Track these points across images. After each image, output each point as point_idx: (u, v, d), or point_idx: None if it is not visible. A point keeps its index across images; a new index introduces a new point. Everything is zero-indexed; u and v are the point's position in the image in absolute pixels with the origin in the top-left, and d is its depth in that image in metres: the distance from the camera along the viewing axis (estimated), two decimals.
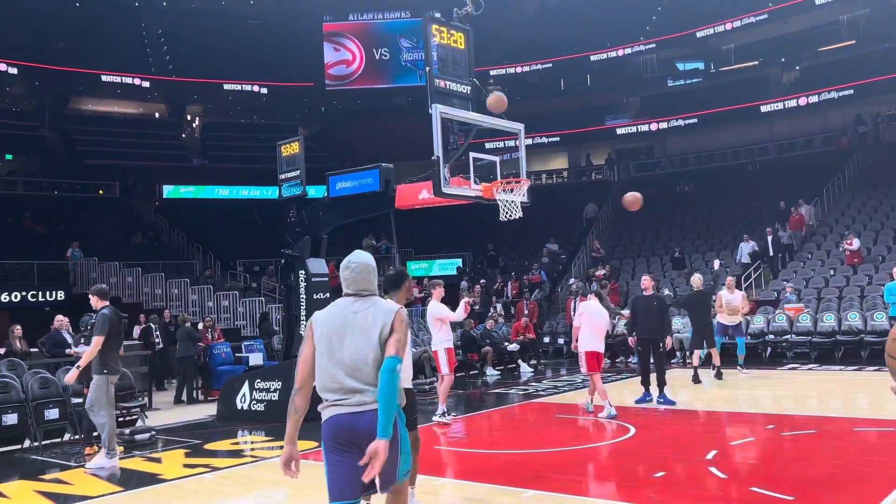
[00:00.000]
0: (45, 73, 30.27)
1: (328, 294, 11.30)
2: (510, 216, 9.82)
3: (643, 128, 30.72)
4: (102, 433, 8.23)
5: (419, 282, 22.08)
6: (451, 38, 9.79)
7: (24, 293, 20.17)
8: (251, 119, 36.74)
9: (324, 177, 11.41)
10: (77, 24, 31.38)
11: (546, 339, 19.68)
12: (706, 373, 13.43)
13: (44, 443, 9.68)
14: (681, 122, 29.69)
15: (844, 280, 18.51)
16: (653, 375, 10.98)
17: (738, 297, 14.21)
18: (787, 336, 16.09)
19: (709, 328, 13.41)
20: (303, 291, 11.39)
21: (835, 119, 27.84)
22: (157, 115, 35.78)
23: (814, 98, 26.95)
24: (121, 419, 10.03)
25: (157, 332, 16.01)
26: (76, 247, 22.86)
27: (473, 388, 14.45)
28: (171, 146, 33.10)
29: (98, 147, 30.32)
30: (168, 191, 29.49)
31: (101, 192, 28.87)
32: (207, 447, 9.25)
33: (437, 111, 9.10)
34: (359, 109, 36.15)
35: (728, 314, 13.95)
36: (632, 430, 8.95)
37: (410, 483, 5.36)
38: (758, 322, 16.65)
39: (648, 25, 32.29)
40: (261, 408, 11.06)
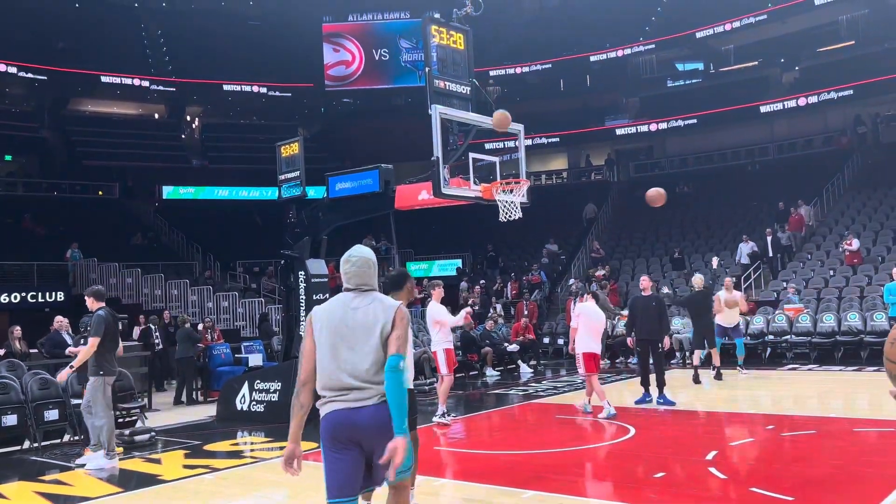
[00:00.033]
0: (45, 74, 30.25)
1: (328, 295, 11.29)
2: (510, 217, 9.82)
3: (643, 128, 30.72)
4: (101, 434, 8.22)
5: (419, 282, 22.08)
6: (451, 39, 9.80)
7: (24, 294, 20.18)
8: (251, 120, 36.76)
9: (323, 177, 11.41)
10: (77, 25, 31.38)
11: (546, 340, 19.68)
12: (706, 373, 13.44)
13: (43, 444, 9.67)
14: (680, 123, 29.70)
15: (844, 280, 18.52)
16: (652, 376, 10.98)
17: (737, 297, 14.24)
18: (787, 336, 16.09)
19: (710, 328, 13.41)
20: (302, 292, 11.39)
21: (834, 119, 27.86)
22: (157, 116, 35.79)
23: (813, 98, 26.97)
24: (120, 420, 10.02)
25: (157, 333, 16.01)
26: (76, 248, 22.87)
27: (473, 389, 14.45)
28: (171, 147, 33.09)
29: (98, 148, 30.31)
30: (168, 192, 29.50)
31: (101, 193, 28.87)
32: (207, 448, 9.24)
33: (437, 112, 9.11)
34: (358, 110, 36.16)
35: (727, 307, 13.95)
36: (631, 431, 8.94)
37: (410, 483, 5.36)
38: (757, 322, 16.66)
39: (648, 26, 32.30)
40: (260, 409, 11.05)
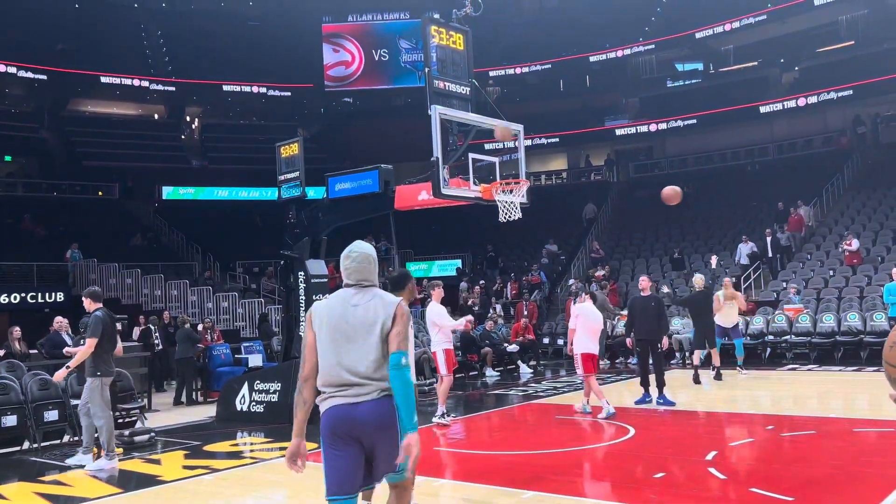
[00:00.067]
0: (45, 75, 30.25)
1: (327, 295, 11.25)
2: (509, 217, 9.82)
3: (642, 129, 30.73)
4: (101, 435, 8.22)
5: (419, 283, 22.08)
6: (451, 39, 9.79)
7: (24, 294, 20.18)
8: (250, 120, 36.77)
9: (323, 178, 11.40)
10: (76, 26, 31.40)
11: (545, 340, 19.67)
12: (706, 373, 13.44)
13: (43, 444, 9.67)
14: (680, 123, 29.70)
15: (844, 280, 18.52)
16: (652, 376, 10.99)
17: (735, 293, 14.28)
18: (787, 337, 16.09)
19: (710, 328, 13.42)
20: (302, 293, 11.38)
21: (834, 119, 27.86)
22: (157, 117, 35.80)
23: (813, 99, 26.97)
24: (120, 421, 10.02)
25: (157, 334, 16.01)
26: (75, 248, 22.87)
27: (473, 390, 14.44)
28: (171, 147, 33.10)
29: (97, 148, 30.32)
30: (167, 192, 29.50)
31: (101, 194, 28.86)
32: (207, 448, 9.24)
33: (437, 112, 9.11)
34: (358, 110, 36.18)
35: (726, 299, 13.95)
36: (631, 431, 8.94)
37: (411, 483, 5.35)
38: (757, 323, 16.65)
39: (647, 26, 32.33)
40: (260, 409, 11.04)
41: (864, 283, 17.97)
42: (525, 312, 19.46)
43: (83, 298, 8.64)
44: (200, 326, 16.11)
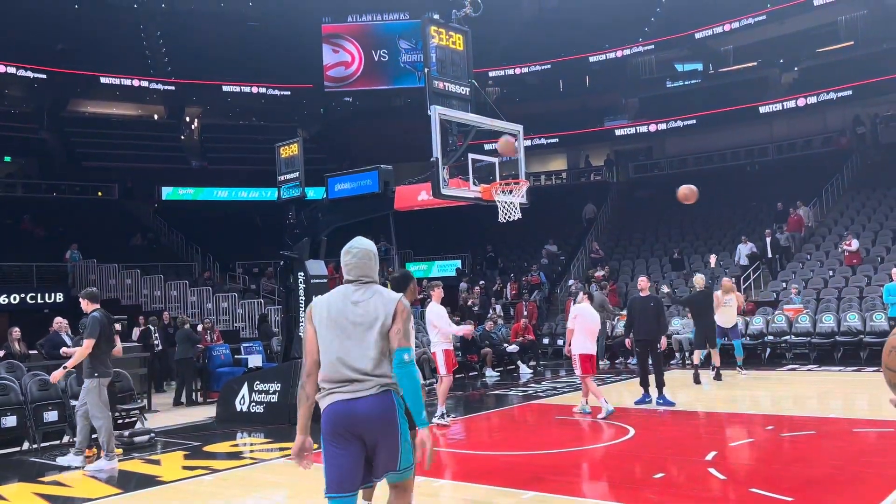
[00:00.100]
0: (44, 75, 30.24)
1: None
2: (509, 217, 9.83)
3: (642, 129, 30.73)
4: (100, 436, 8.22)
5: (418, 283, 22.07)
6: (450, 40, 9.80)
7: (23, 295, 20.16)
8: (250, 121, 36.76)
9: (323, 178, 11.40)
10: (76, 26, 31.38)
11: (545, 341, 19.67)
12: (706, 373, 13.44)
13: (43, 445, 9.67)
14: (679, 123, 29.70)
15: (843, 281, 18.52)
16: (652, 377, 10.99)
17: (732, 298, 14.27)
18: (787, 337, 16.09)
19: (711, 328, 13.43)
20: (302, 293, 11.38)
21: (833, 120, 27.87)
22: (156, 117, 35.80)
23: (812, 99, 26.97)
24: (120, 421, 10.02)
25: (156, 334, 16.01)
26: (75, 249, 22.85)
27: (473, 390, 14.44)
28: (170, 148, 33.08)
29: (97, 149, 30.32)
30: (167, 193, 29.49)
31: (100, 194, 28.86)
32: (206, 449, 9.24)
33: (436, 112, 9.11)
34: (358, 111, 36.18)
35: (724, 293, 13.96)
36: (631, 432, 8.94)
37: (412, 483, 5.33)
38: (757, 323, 16.66)
39: (647, 27, 32.34)
40: (260, 409, 11.04)
41: (864, 284, 17.97)
42: (525, 313, 19.47)
43: (81, 299, 8.64)
44: (200, 327, 16.11)
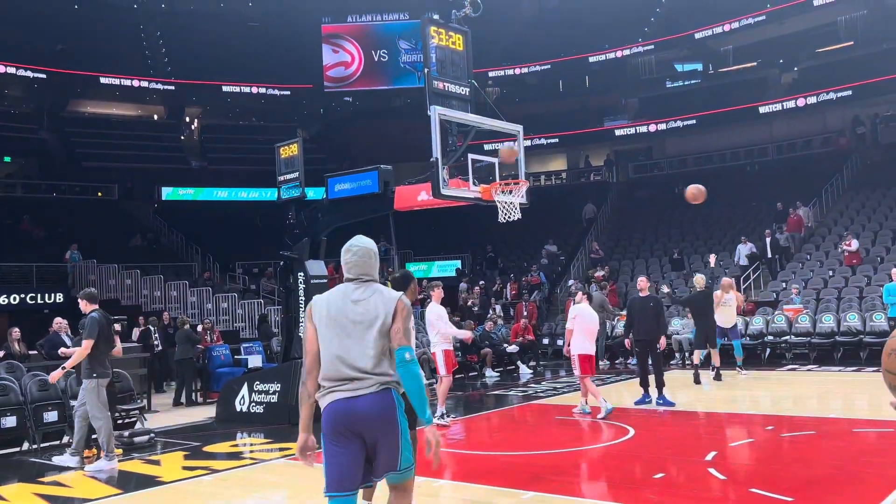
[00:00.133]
0: (44, 75, 30.24)
1: None
2: (509, 217, 9.83)
3: (642, 129, 30.72)
4: (99, 436, 8.22)
5: (418, 283, 22.08)
6: (450, 40, 9.79)
7: (23, 295, 20.18)
8: (250, 121, 36.76)
9: (323, 178, 11.41)
10: (76, 27, 31.36)
11: (545, 341, 19.67)
12: (706, 374, 13.44)
13: (42, 445, 9.67)
14: (679, 124, 29.69)
15: (843, 281, 18.52)
16: (652, 377, 10.99)
17: (732, 297, 14.26)
18: (787, 337, 16.09)
19: (712, 328, 13.43)
20: (302, 293, 11.38)
21: (833, 120, 27.87)
22: (156, 118, 35.79)
23: (812, 99, 26.97)
24: (120, 421, 10.01)
25: (156, 335, 16.01)
26: (75, 249, 22.85)
27: (473, 390, 14.44)
28: (170, 148, 33.07)
29: (97, 149, 30.31)
30: (167, 193, 29.48)
31: (100, 195, 28.85)
32: (206, 449, 9.24)
33: (436, 113, 9.11)
34: (357, 111, 36.18)
35: (723, 290, 13.96)
36: (631, 432, 8.94)
37: (412, 484, 5.31)
38: (757, 323, 16.66)
39: (647, 27, 32.34)
40: (260, 410, 11.04)
41: (864, 284, 17.97)
42: (525, 313, 19.46)
43: (79, 300, 8.63)
44: (200, 327, 16.11)
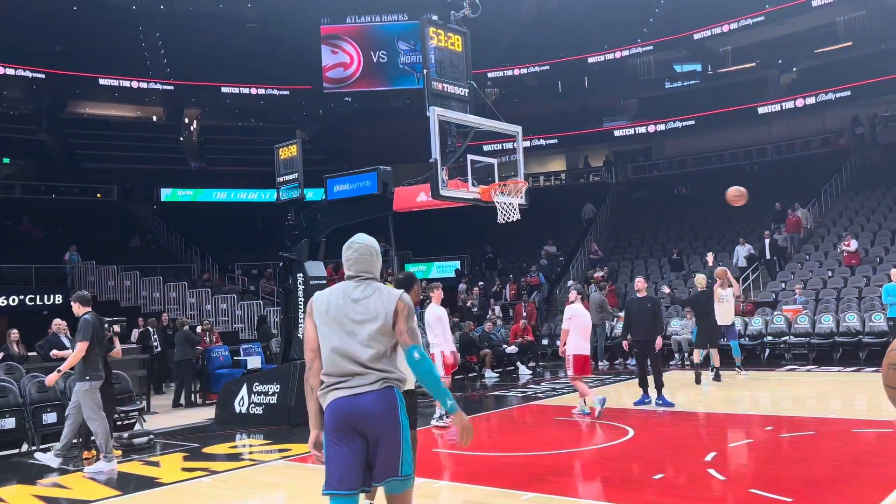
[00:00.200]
0: (43, 76, 30.24)
1: None
2: (508, 218, 9.83)
3: (641, 130, 30.71)
4: (97, 438, 8.20)
5: None
6: (449, 41, 9.79)
7: (22, 297, 20.19)
8: (249, 122, 36.75)
9: (322, 179, 11.40)
10: (75, 28, 31.37)
11: (545, 342, 19.65)
12: (705, 374, 13.43)
13: (42, 447, 9.64)
14: (678, 124, 29.68)
15: (842, 281, 18.52)
16: (651, 377, 10.99)
17: (729, 293, 14.23)
18: (786, 337, 16.10)
19: (713, 328, 13.43)
20: (301, 294, 11.37)
21: (832, 120, 27.87)
22: (155, 119, 35.78)
23: (811, 99, 26.97)
24: (119, 423, 10.01)
25: (155, 336, 16.01)
26: (74, 250, 22.85)
27: (472, 391, 14.44)
28: (169, 149, 33.06)
29: (96, 150, 30.31)
30: (166, 194, 29.49)
31: (99, 196, 28.87)
32: (206, 451, 9.23)
33: (435, 114, 9.10)
34: (357, 112, 36.18)
35: (718, 277, 13.97)
36: (630, 432, 8.94)
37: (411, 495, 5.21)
38: (756, 324, 16.67)
39: (646, 27, 32.36)
40: (259, 411, 11.03)
41: (863, 284, 17.98)
42: (524, 314, 19.45)
43: (72, 303, 8.60)
44: (199, 328, 16.11)
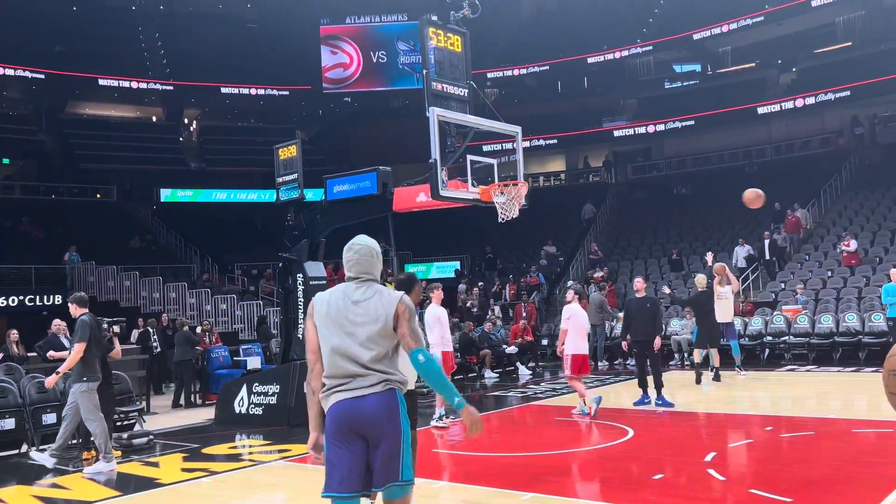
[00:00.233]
0: (42, 77, 30.23)
1: None
2: (508, 216, 9.84)
3: (640, 130, 30.70)
4: (96, 439, 8.20)
5: None
6: (448, 41, 9.79)
7: (22, 297, 20.20)
8: (248, 122, 36.74)
9: (321, 180, 11.40)
10: (74, 28, 31.37)
11: (544, 342, 19.64)
12: (705, 374, 13.42)
13: (41, 447, 9.64)
14: (678, 125, 29.66)
15: (842, 281, 18.53)
16: (650, 377, 10.99)
17: (728, 290, 14.23)
18: (785, 337, 16.11)
19: (713, 328, 13.43)
20: (300, 295, 11.37)
21: (831, 120, 27.88)
22: (155, 119, 35.78)
23: (811, 100, 26.96)
24: (118, 423, 10.01)
25: (155, 336, 16.01)
26: (73, 251, 22.84)
27: (472, 391, 14.43)
28: (169, 150, 33.05)
29: (95, 151, 30.29)
30: (165, 194, 29.48)
31: (99, 196, 28.87)
32: (205, 451, 9.23)
33: (435, 114, 9.10)
34: (356, 112, 36.18)
35: (716, 273, 13.97)
36: (630, 433, 8.94)
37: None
38: (756, 324, 16.67)
39: (645, 28, 32.36)
40: (259, 411, 11.02)
41: (863, 284, 17.98)
42: (524, 314, 19.44)
43: (69, 304, 8.59)
44: (199, 329, 16.10)
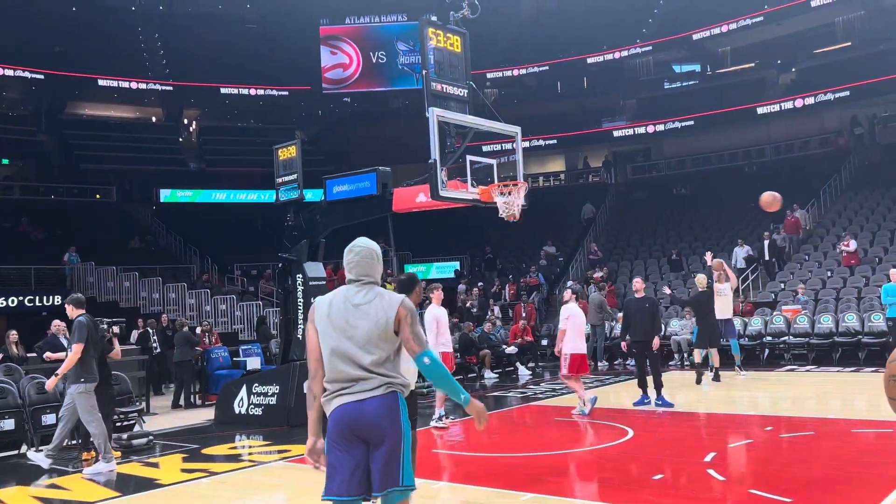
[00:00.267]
0: (42, 78, 30.22)
1: None
2: (509, 214, 9.84)
3: (640, 130, 30.70)
4: (95, 440, 8.19)
5: None
6: (448, 42, 9.79)
7: (21, 298, 20.18)
8: (248, 123, 36.74)
9: (321, 180, 11.40)
10: (74, 29, 31.37)
11: (544, 342, 19.62)
12: (705, 374, 13.42)
13: (41, 448, 9.64)
14: (677, 125, 29.67)
15: (841, 281, 18.53)
16: (650, 378, 10.99)
17: (727, 286, 14.21)
18: (785, 338, 16.11)
19: (714, 328, 13.43)
20: (300, 295, 11.37)
21: (831, 121, 27.88)
22: (154, 120, 35.77)
23: (810, 100, 26.97)
24: (118, 424, 10.00)
25: (155, 337, 16.00)
26: (73, 251, 22.83)
27: (472, 392, 14.41)
28: (169, 150, 33.04)
29: (95, 151, 30.28)
30: (165, 195, 29.47)
31: (98, 197, 28.85)
32: (205, 452, 9.24)
33: (434, 114, 9.10)
34: (356, 113, 36.18)
35: (715, 269, 13.98)
36: (630, 433, 8.94)
37: None
38: (755, 324, 16.67)
39: (645, 28, 32.36)
40: (258, 412, 11.02)
41: (862, 284, 17.98)
42: (523, 314, 19.45)
43: (66, 305, 8.60)
44: (198, 329, 16.10)
